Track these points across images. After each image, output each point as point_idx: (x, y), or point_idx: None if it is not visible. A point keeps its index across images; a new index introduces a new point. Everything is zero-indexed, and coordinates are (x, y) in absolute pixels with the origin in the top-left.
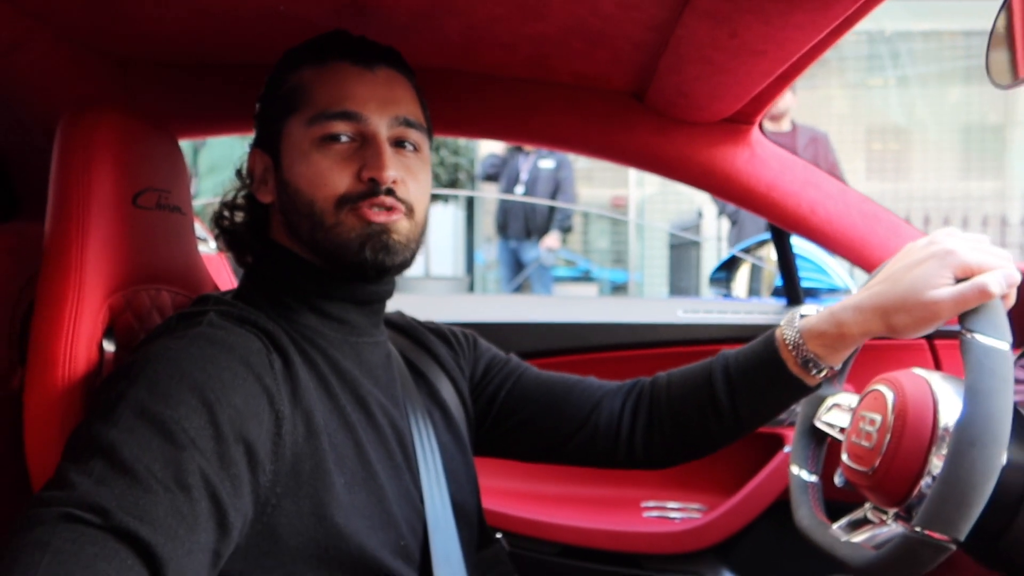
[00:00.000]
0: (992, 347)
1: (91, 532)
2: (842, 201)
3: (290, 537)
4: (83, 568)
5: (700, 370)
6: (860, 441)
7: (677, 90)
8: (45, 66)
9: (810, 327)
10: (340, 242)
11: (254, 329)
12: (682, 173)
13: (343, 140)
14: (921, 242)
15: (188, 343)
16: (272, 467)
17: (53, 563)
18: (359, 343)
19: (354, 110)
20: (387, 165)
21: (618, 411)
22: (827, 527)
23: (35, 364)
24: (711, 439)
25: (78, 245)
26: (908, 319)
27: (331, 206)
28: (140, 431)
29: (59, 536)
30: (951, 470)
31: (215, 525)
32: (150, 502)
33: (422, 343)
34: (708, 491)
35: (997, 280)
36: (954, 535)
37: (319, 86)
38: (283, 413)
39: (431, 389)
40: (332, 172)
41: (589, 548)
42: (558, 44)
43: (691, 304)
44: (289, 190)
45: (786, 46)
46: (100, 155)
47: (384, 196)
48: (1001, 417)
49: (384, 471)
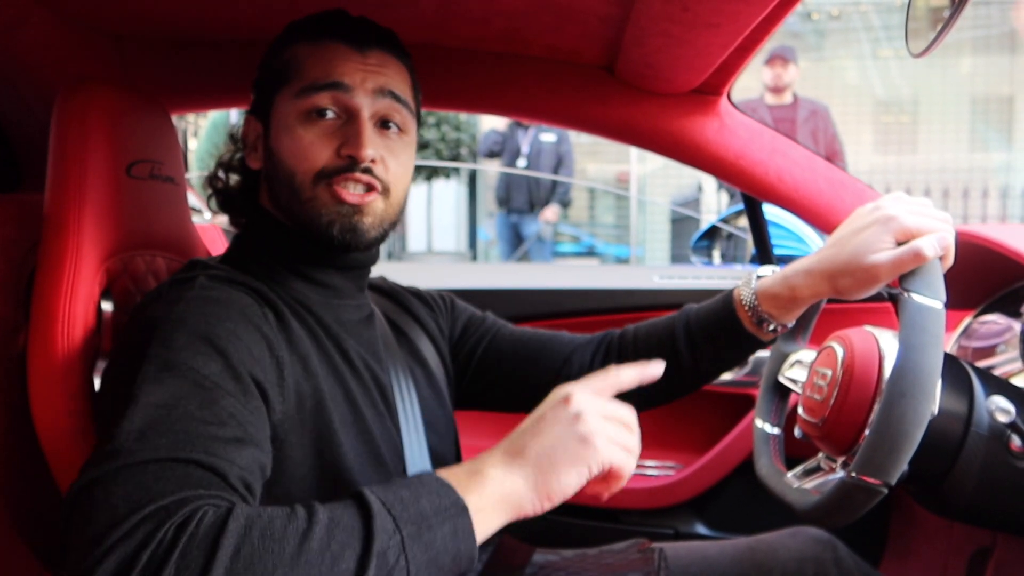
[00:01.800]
0: (926, 305)
1: (151, 464)
2: (809, 168)
3: (294, 469)
4: (154, 480)
5: (664, 324)
6: (813, 395)
7: (643, 62)
8: (44, 44)
9: (764, 288)
10: (312, 216)
11: (244, 288)
12: (654, 143)
13: (328, 116)
14: (868, 207)
15: (187, 305)
16: (280, 407)
17: (128, 488)
18: (342, 305)
19: (340, 80)
20: (366, 143)
21: (588, 362)
22: (782, 475)
23: (37, 321)
24: (672, 389)
25: (75, 212)
26: (851, 281)
27: (309, 179)
28: (168, 381)
29: (125, 471)
30: (883, 419)
31: (258, 444)
32: (196, 435)
33: (403, 305)
34: (683, 450)
35: (931, 244)
36: (885, 479)
37: (310, 61)
38: (283, 359)
39: (412, 347)
40: (314, 146)
41: (568, 503)
42: (529, 18)
43: (667, 271)
44: (274, 159)
45: (738, 18)
46: (94, 128)
47: (360, 173)
48: (931, 370)
49: (370, 416)
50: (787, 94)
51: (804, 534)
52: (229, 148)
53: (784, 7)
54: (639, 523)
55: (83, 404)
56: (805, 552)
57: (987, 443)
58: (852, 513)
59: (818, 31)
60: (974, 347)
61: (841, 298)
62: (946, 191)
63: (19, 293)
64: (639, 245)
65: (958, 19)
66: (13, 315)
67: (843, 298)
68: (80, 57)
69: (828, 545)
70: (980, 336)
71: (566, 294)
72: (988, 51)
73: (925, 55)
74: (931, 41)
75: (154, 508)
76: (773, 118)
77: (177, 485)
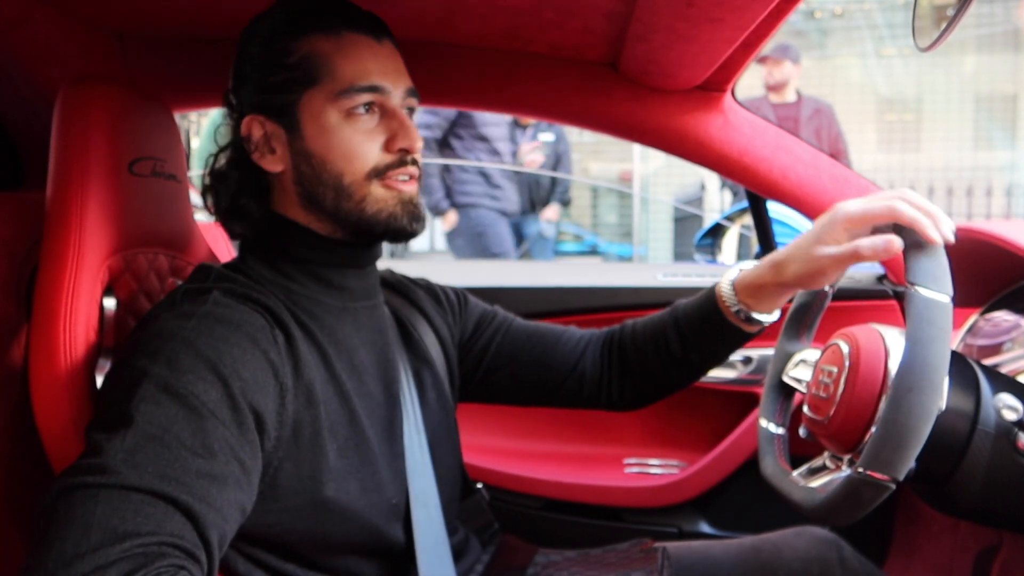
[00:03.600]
0: (933, 299)
1: (133, 492)
2: (813, 165)
3: (288, 497)
4: (133, 513)
5: (657, 319)
6: (819, 393)
7: (647, 58)
8: (46, 42)
9: (739, 280)
10: (371, 212)
11: (257, 307)
12: (658, 140)
13: (364, 112)
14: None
15: (198, 323)
16: (276, 433)
17: (107, 510)
18: (357, 308)
19: (380, 84)
20: (417, 136)
21: (599, 359)
22: (788, 474)
23: (39, 319)
24: (670, 382)
25: (77, 209)
26: (797, 267)
27: (361, 178)
28: (166, 404)
29: (106, 491)
30: (890, 414)
31: (240, 484)
32: (181, 467)
33: (411, 299)
34: (687, 448)
35: (869, 244)
36: (893, 475)
37: (339, 59)
38: (287, 385)
39: (419, 346)
40: (363, 145)
41: (571, 502)
42: (531, 15)
43: (671, 268)
44: (314, 162)
45: (743, 13)
46: (96, 125)
47: (411, 166)
48: (938, 364)
49: (375, 436)
50: (789, 92)
51: (809, 533)
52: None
53: (789, 2)
54: (642, 522)
55: (85, 403)
56: (810, 551)
57: (994, 441)
58: (860, 510)
59: (821, 29)
60: (979, 345)
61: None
62: (950, 189)
63: (20, 291)
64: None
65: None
66: (15, 314)
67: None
68: (82, 54)
69: (833, 544)
70: (985, 334)
71: (571, 292)
72: (992, 49)
73: (932, 49)
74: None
75: (130, 545)
76: (777, 116)
77: (156, 524)
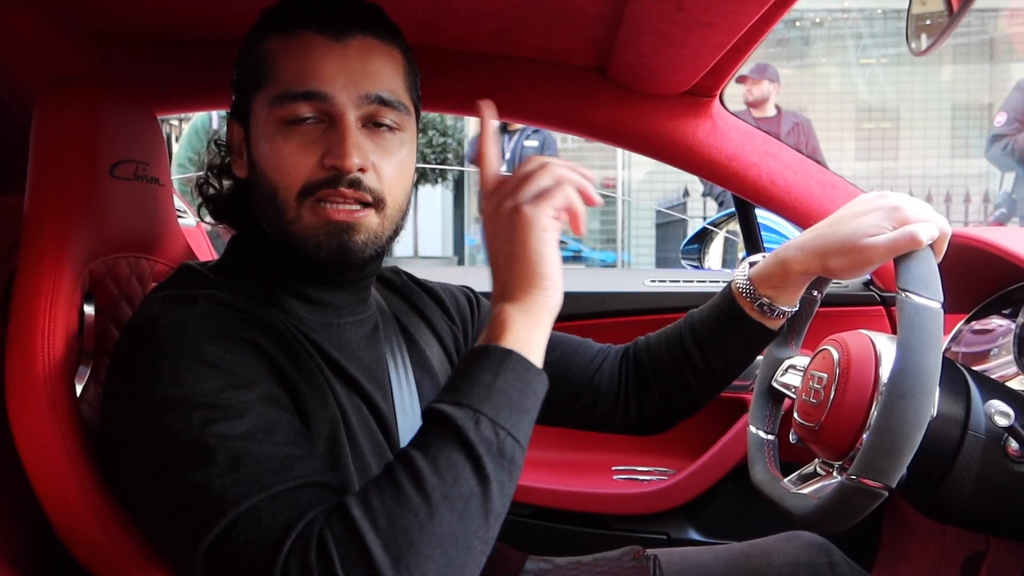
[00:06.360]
0: (924, 305)
1: (260, 504)
2: (801, 171)
3: None
4: (279, 506)
5: (672, 329)
6: (809, 399)
7: (636, 63)
8: (24, 43)
9: (758, 272)
10: (300, 237)
11: (246, 316)
12: (646, 146)
13: (308, 122)
14: (873, 194)
15: (196, 335)
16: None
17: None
18: (340, 324)
19: (319, 89)
20: (350, 152)
21: (616, 374)
22: (778, 481)
23: (16, 326)
24: (693, 397)
25: (56, 214)
26: (843, 261)
27: (292, 196)
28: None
29: (242, 512)
30: (883, 420)
31: (312, 458)
32: (279, 461)
33: (414, 304)
34: (675, 455)
35: (926, 229)
36: (886, 482)
37: (283, 60)
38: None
39: (420, 354)
40: (294, 158)
41: (561, 510)
42: (518, 19)
43: (657, 274)
44: (257, 171)
45: (733, 18)
46: (76, 127)
47: (346, 188)
48: (930, 371)
49: (368, 449)
50: (768, 107)
51: (798, 539)
52: (213, 153)
53: (779, 7)
54: (632, 529)
55: (64, 410)
56: (800, 557)
57: (984, 446)
58: (852, 517)
59: (802, 38)
60: (966, 352)
61: (829, 276)
62: (928, 196)
63: None
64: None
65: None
66: None
67: (832, 277)
68: (62, 56)
69: (822, 550)
70: (972, 341)
71: None
72: (968, 59)
73: (926, 54)
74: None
75: (294, 535)
76: None
77: (294, 511)
